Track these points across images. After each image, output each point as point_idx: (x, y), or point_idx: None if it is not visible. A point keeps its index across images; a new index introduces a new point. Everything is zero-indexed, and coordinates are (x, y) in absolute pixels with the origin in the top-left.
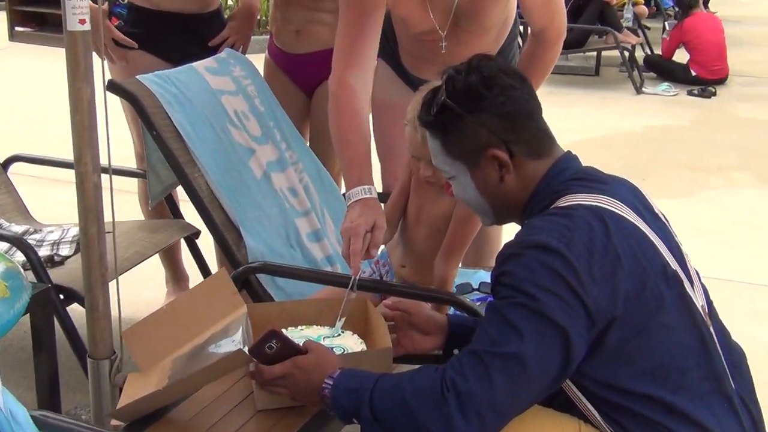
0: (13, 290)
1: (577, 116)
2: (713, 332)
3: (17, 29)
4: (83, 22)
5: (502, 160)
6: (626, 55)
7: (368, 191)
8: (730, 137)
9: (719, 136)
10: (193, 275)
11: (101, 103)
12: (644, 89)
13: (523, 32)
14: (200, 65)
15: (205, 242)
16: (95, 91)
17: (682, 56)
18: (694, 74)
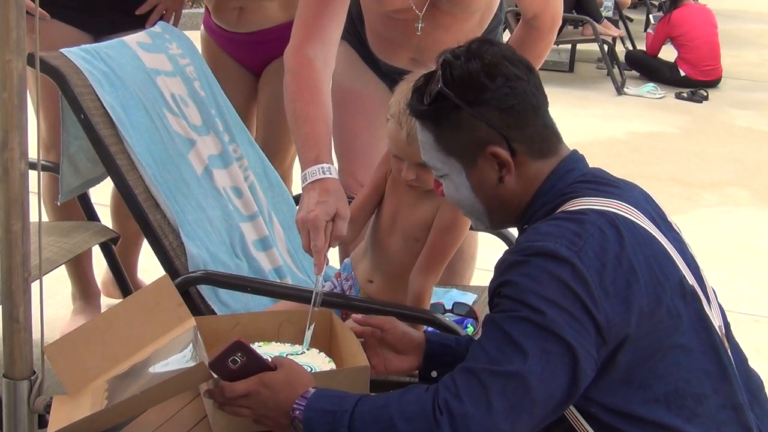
0: None
1: None
2: (731, 356)
3: None
4: None
5: (502, 158)
6: (605, 49)
7: (327, 170)
8: (724, 148)
9: (712, 147)
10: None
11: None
12: (626, 90)
13: (505, 19)
14: (132, 40)
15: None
16: None
17: (669, 53)
18: (682, 74)
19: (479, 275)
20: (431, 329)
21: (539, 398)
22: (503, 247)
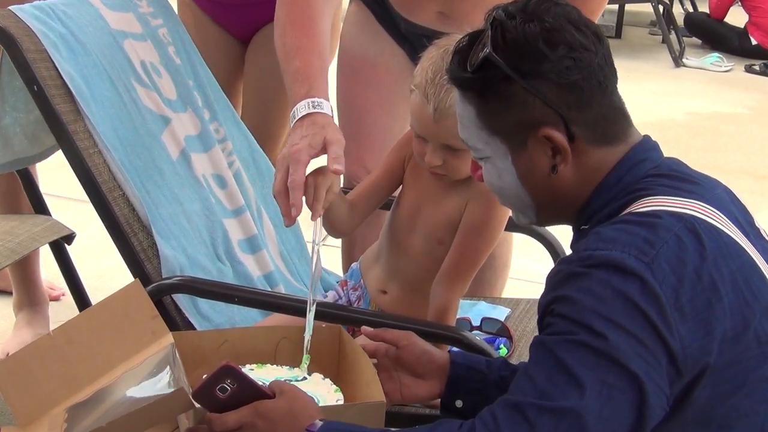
0: None
1: None
2: None
3: None
4: None
5: (557, 143)
6: (661, 10)
7: (317, 105)
8: None
9: None
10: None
11: None
12: (685, 61)
13: None
14: None
15: (79, 250)
16: None
17: (737, 17)
18: (754, 43)
19: (512, 286)
20: (456, 349)
21: None
22: (538, 251)
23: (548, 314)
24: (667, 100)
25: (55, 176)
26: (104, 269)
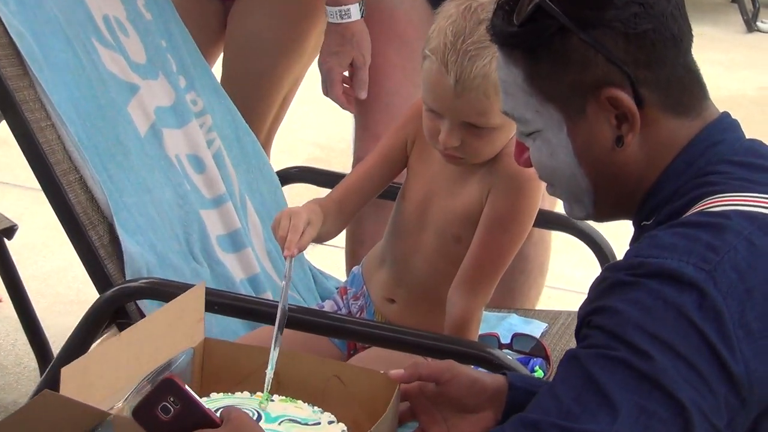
0: None
1: None
2: None
3: None
4: None
5: (624, 107)
6: None
7: (345, 14)
8: None
9: None
10: None
11: None
12: (759, 24)
13: None
14: None
15: (19, 246)
16: None
17: None
18: None
19: (550, 295)
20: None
21: None
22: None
23: (586, 326)
24: (736, 72)
25: None
26: (52, 270)
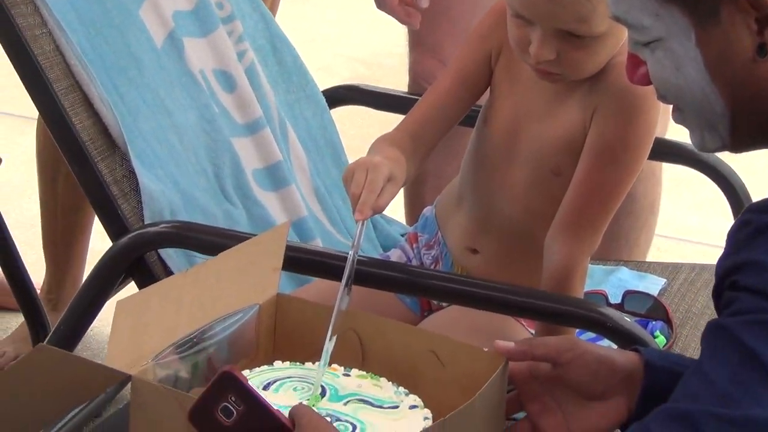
0: None
1: None
2: None
3: None
4: None
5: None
6: None
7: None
8: None
9: None
10: None
11: None
12: None
13: None
14: None
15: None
16: None
17: None
18: None
19: (659, 247)
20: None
21: None
22: (704, 194)
23: (729, 287)
24: None
25: None
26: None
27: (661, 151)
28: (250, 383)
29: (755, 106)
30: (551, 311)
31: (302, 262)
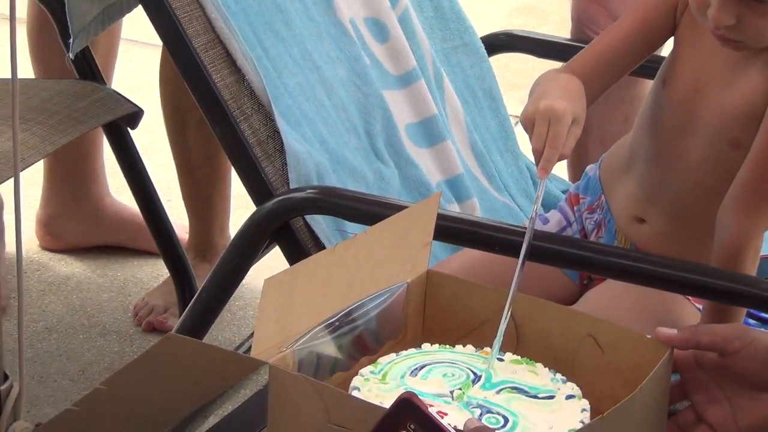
0: None
1: None
2: None
3: None
4: None
5: None
6: None
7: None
8: None
9: None
10: None
11: None
12: None
13: None
14: None
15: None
16: None
17: None
18: None
19: None
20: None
21: None
22: None
23: None
24: None
25: None
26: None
27: None
28: (422, 402)
29: None
30: (721, 290)
31: (476, 235)
